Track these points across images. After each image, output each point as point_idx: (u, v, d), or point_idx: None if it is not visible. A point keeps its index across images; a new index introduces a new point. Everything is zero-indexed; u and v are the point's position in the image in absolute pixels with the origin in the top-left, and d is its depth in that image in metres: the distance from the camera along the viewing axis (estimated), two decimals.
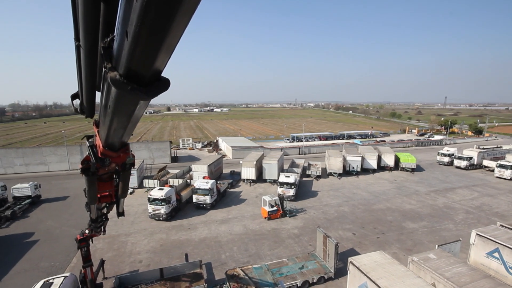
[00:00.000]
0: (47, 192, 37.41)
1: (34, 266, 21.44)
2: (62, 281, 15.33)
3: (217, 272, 20.46)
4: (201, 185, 32.32)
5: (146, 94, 2.18)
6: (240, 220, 29.68)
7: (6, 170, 48.54)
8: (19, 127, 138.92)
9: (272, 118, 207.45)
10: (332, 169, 46.60)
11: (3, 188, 33.56)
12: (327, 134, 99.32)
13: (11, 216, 29.65)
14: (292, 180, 35.08)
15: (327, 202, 34.90)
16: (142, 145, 57.15)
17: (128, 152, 6.16)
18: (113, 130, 4.05)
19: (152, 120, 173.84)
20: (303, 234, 26.51)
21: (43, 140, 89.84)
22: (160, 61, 2.02)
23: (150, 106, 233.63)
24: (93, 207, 11.34)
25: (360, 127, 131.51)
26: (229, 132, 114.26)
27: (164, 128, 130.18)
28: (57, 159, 51.05)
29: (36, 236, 26.41)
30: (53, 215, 31.42)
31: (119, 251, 23.67)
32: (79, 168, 7.39)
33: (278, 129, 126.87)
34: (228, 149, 65.05)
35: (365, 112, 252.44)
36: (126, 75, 2.09)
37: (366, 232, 26.80)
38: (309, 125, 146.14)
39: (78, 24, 3.09)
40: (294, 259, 21.23)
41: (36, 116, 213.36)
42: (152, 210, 28.95)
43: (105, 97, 3.08)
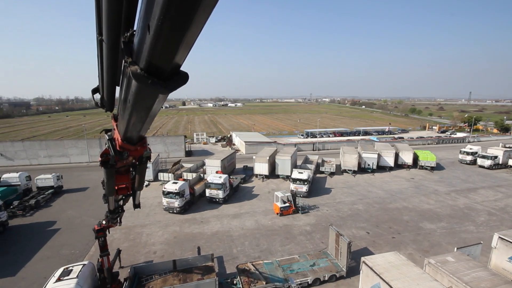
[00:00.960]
0: (68, 183, 39.10)
1: (56, 253, 22.56)
2: (80, 268, 15.99)
3: (229, 266, 20.69)
4: (214, 179, 32.65)
5: (165, 88, 2.23)
6: (252, 215, 29.79)
7: (31, 161, 51.20)
8: (43, 120, 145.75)
9: (286, 113, 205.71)
10: (347, 166, 45.71)
11: (27, 179, 35.46)
12: (342, 130, 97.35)
13: (35, 205, 31.27)
14: (305, 177, 34.72)
15: (340, 200, 34.33)
16: (157, 139, 58.41)
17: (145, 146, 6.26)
18: (132, 123, 4.13)
19: (168, 115, 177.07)
20: (315, 231, 26.26)
21: (65, 133, 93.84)
22: (180, 55, 2.04)
23: (166, 101, 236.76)
24: (111, 198, 11.71)
25: (377, 123, 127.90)
26: (242, 127, 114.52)
27: (179, 123, 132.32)
28: (78, 152, 53.19)
29: (58, 224, 27.75)
30: (73, 205, 32.85)
31: (134, 241, 24.43)
32: (99, 161, 7.59)
33: (292, 125, 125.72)
34: (242, 144, 65.24)
35: (382, 107, 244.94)
36: (147, 69, 2.13)
37: (380, 232, 26.17)
38: (324, 120, 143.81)
39: (101, 18, 3.11)
40: (306, 256, 21.09)
41: (58, 110, 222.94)
42: (167, 203, 29.60)
43: (124, 91, 3.17)
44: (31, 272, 20.02)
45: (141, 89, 2.47)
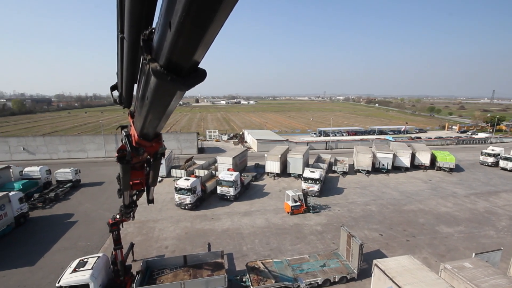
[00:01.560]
0: (86, 177, 40.46)
1: (73, 245, 23.43)
2: (95, 260, 16.51)
3: (238, 263, 20.77)
4: (226, 177, 32.82)
5: (184, 85, 2.28)
6: (263, 213, 29.76)
7: (51, 155, 53.38)
8: (63, 116, 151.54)
9: (299, 111, 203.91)
10: (360, 165, 44.77)
11: (48, 172, 36.97)
12: (356, 129, 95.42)
13: (54, 198, 32.59)
14: (317, 176, 34.28)
15: (353, 200, 33.68)
16: (170, 136, 59.37)
17: (160, 142, 6.38)
18: (149, 120, 4.24)
19: (181, 112, 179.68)
20: (326, 231, 25.91)
21: (83, 129, 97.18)
22: (200, 52, 2.07)
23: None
24: (126, 193, 12.00)
25: (393, 123, 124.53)
26: (255, 124, 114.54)
27: (192, 120, 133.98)
28: (95, 147, 54.94)
29: (75, 217, 28.78)
30: (90, 198, 33.97)
31: (147, 236, 24.98)
32: (115, 156, 7.77)
33: (305, 123, 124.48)
34: (254, 142, 65.24)
35: (399, 106, 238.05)
36: (166, 66, 2.17)
37: (394, 234, 25.47)
38: (337, 119, 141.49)
39: (123, 16, 3.18)
40: (316, 256, 20.85)
41: (78, 106, 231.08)
42: (178, 199, 30.06)
43: (142, 89, 3.25)
44: (49, 262, 20.89)
45: (160, 86, 2.51)
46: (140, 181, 10.82)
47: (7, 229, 24.72)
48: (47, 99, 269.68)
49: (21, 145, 52.34)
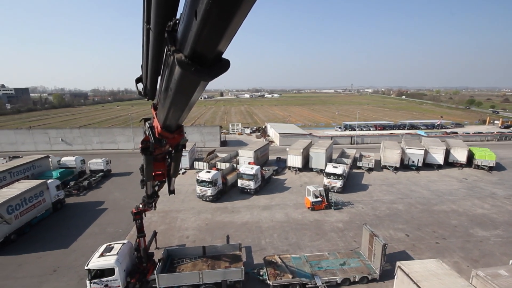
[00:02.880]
0: (116, 167, 42.81)
1: (102, 230, 24.99)
2: (120, 246, 17.44)
3: (256, 257, 20.85)
4: (246, 170, 32.92)
5: (208, 75, 2.32)
6: (283, 208, 29.52)
7: (86, 146, 57.20)
8: (98, 109, 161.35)
9: (324, 104, 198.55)
10: (388, 162, 42.61)
11: (82, 162, 39.62)
12: (384, 123, 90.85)
13: (88, 186, 34.94)
14: (340, 171, 33.20)
15: (378, 198, 32.23)
16: (194, 129, 60.75)
17: (182, 134, 6.52)
18: (172, 112, 4.35)
19: (206, 105, 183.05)
20: (348, 229, 25.09)
21: (115, 122, 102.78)
22: (224, 42, 2.07)
23: (205, 91, 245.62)
24: (148, 184, 12.44)
25: (426, 116, 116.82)
26: (278, 118, 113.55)
27: (216, 113, 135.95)
28: (125, 139, 57.89)
29: (105, 204, 30.65)
30: (119, 187, 35.93)
31: (170, 225, 25.92)
32: (139, 148, 8.01)
33: (330, 117, 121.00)
34: (276, 135, 64.74)
35: (434, 99, 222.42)
36: (191, 56, 2.19)
37: (422, 235, 24.00)
38: (364, 112, 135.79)
39: (150, 6, 3.21)
40: (336, 254, 20.28)
41: (111, 100, 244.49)
42: (200, 191, 30.76)
43: (166, 80, 3.33)
44: (81, 245, 22.50)
45: (185, 77, 2.54)
46: (162, 172, 11.13)
47: (45, 214, 26.99)
48: (84, 94, 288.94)
49: (59, 136, 56.65)
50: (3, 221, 21.74)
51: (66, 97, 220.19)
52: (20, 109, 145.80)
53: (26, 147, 55.58)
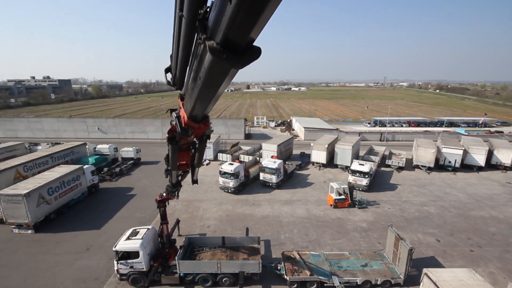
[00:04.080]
0: (145, 156, 44.95)
1: (131, 215, 26.48)
2: (145, 231, 18.31)
3: (275, 251, 20.81)
4: (269, 164, 32.78)
5: (239, 62, 2.31)
6: (304, 203, 29.06)
7: (119, 135, 60.69)
8: (131, 100, 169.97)
9: (353, 98, 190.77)
10: (420, 161, 39.97)
11: (115, 150, 42.11)
12: (419, 119, 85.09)
13: (119, 172, 37.15)
14: (366, 169, 31.79)
15: (407, 199, 30.46)
16: (219, 121, 61.56)
17: (208, 124, 6.57)
18: (199, 102, 4.40)
19: (232, 98, 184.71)
20: (372, 229, 24.07)
21: (145, 112, 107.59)
22: (258, 28, 2.06)
23: (231, 84, 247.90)
24: (174, 173, 12.84)
25: (467, 113, 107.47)
26: (304, 112, 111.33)
27: (242, 106, 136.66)
28: (154, 129, 60.46)
29: (134, 191, 32.38)
30: (148, 175, 37.73)
31: (192, 214, 26.74)
32: (166, 137, 8.24)
33: (359, 111, 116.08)
34: (301, 129, 63.61)
35: (478, 94, 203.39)
36: (222, 43, 2.19)
37: (455, 241, 22.30)
38: (397, 107, 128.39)
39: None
40: (357, 254, 19.57)
41: (143, 92, 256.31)
42: (222, 182, 31.26)
43: (195, 70, 3.38)
44: (112, 228, 24.05)
45: (215, 64, 2.50)
46: (186, 162, 11.37)
47: (81, 197, 29.18)
48: (119, 85, 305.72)
49: (96, 125, 60.67)
50: (44, 201, 23.89)
51: (103, 88, 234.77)
52: (63, 99, 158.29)
53: (67, 134, 60.38)
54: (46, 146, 43.11)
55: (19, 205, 22.28)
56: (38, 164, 31.65)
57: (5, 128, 61.56)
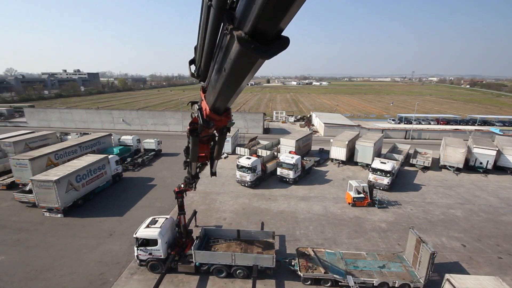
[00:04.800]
0: (166, 148, 46.26)
1: (151, 204, 27.47)
2: (163, 221, 18.92)
3: (289, 247, 20.73)
4: (286, 159, 32.51)
5: (267, 53, 2.28)
6: (321, 200, 28.60)
7: (142, 127, 62.92)
8: (154, 93, 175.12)
9: (378, 94, 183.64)
10: (448, 161, 37.79)
11: (138, 141, 43.71)
12: (449, 116, 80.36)
13: (141, 163, 38.59)
14: (388, 168, 30.59)
15: (432, 200, 29.01)
16: (238, 115, 61.83)
17: (229, 116, 6.58)
18: (223, 94, 4.39)
19: (252, 92, 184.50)
20: (392, 230, 23.22)
21: (167, 105, 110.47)
22: (288, 17, 2.04)
23: (252, 78, 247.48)
24: (193, 164, 13.13)
25: (504, 111, 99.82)
26: (325, 107, 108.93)
27: (262, 100, 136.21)
28: (175, 122, 61.99)
29: (155, 181, 33.52)
30: (168, 167, 38.86)
31: (209, 206, 27.25)
32: (187, 129, 8.37)
33: (383, 107, 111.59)
34: (321, 125, 62.35)
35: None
36: (251, 33, 2.18)
37: (482, 247, 20.97)
38: (425, 104, 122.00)
39: None
40: (375, 255, 18.99)
41: (165, 85, 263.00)
42: (239, 176, 31.49)
43: (220, 62, 3.37)
44: (133, 215, 25.12)
45: (242, 55, 2.47)
46: (205, 155, 11.55)
47: (106, 185, 30.67)
48: (143, 79, 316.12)
49: (121, 117, 63.26)
50: (72, 187, 25.39)
51: (129, 81, 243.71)
52: (92, 91, 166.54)
53: (94, 125, 63.57)
54: (75, 136, 45.67)
55: (50, 190, 23.86)
56: (67, 153, 33.65)
57: (39, 118, 65.95)
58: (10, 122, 70.47)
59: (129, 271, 18.09)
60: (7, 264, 18.60)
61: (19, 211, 25.66)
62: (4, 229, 22.67)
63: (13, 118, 76.47)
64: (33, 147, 37.15)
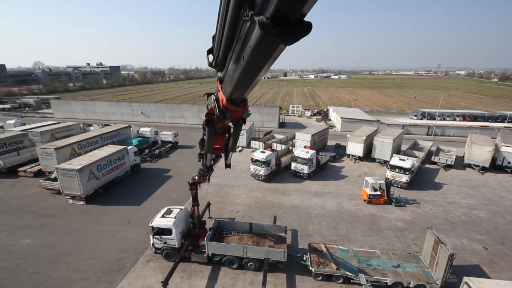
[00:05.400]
0: (182, 140, 47.12)
1: (167, 195, 28.23)
2: (178, 211, 19.41)
3: (301, 242, 20.66)
4: (301, 154, 32.16)
5: (289, 38, 2.25)
6: (336, 196, 28.15)
7: (159, 119, 64.40)
8: (172, 86, 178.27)
9: (400, 88, 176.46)
10: (474, 159, 35.85)
11: (155, 133, 44.83)
12: (477, 112, 75.89)
13: (158, 154, 39.64)
14: (407, 165, 29.50)
15: (453, 200, 27.75)
16: (254, 109, 61.67)
17: (246, 107, 6.58)
18: (240, 84, 4.40)
19: (268, 85, 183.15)
20: (408, 229, 22.51)
21: (184, 98, 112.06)
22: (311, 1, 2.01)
23: (268, 71, 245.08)
24: (208, 156, 13.31)
25: None
26: (343, 101, 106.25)
27: (278, 94, 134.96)
28: (192, 114, 62.90)
29: (171, 172, 34.36)
30: (184, 158, 39.66)
31: (223, 198, 27.60)
32: (203, 120, 8.42)
33: (405, 102, 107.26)
34: (338, 120, 60.98)
35: None
36: (272, 18, 2.15)
37: (506, 251, 19.88)
38: (451, 99, 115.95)
39: None
40: (390, 254, 18.53)
41: (183, 78, 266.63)
42: (253, 169, 31.57)
43: (238, 50, 3.37)
44: (150, 205, 25.95)
45: (263, 41, 2.43)
46: (220, 147, 11.62)
47: (125, 175, 31.81)
48: (162, 72, 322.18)
49: (140, 109, 65.03)
50: (94, 176, 26.55)
51: (148, 74, 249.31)
52: (113, 84, 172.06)
53: (115, 117, 65.81)
54: (97, 127, 47.55)
55: (73, 178, 25.11)
56: (90, 143, 35.14)
57: (64, 109, 69.17)
58: (38, 113, 74.58)
59: (145, 258, 18.80)
60: (33, 246, 19.91)
61: (45, 197, 27.26)
62: (31, 214, 24.22)
63: (41, 109, 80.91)
64: (58, 137, 39.14)
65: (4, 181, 30.96)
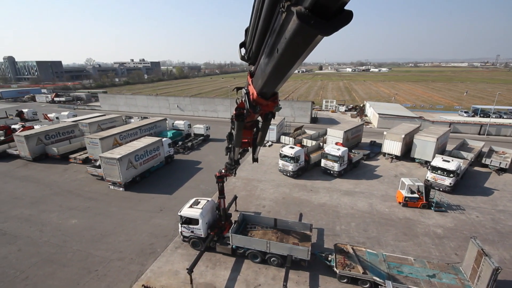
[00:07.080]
0: (214, 134, 48.38)
1: (196, 186, 29.33)
2: (205, 203, 20.04)
3: (327, 241, 20.08)
4: (332, 151, 31.05)
5: (328, 28, 2.19)
6: (368, 197, 26.76)
7: (193, 113, 66.80)
8: (207, 81, 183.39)
9: (449, 81, 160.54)
10: None
11: (189, 126, 46.63)
12: None
13: (191, 147, 41.23)
14: (452, 167, 26.86)
15: (505, 208, 24.70)
16: (286, 103, 60.83)
17: (276, 101, 6.53)
18: (272, 77, 4.35)
19: (302, 79, 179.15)
20: (449, 237, 20.59)
21: (218, 92, 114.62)
22: None
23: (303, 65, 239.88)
24: (237, 149, 13.53)
25: None
26: (382, 96, 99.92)
27: (312, 88, 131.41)
28: (224, 109, 64.16)
29: (201, 165, 35.55)
30: (214, 152, 40.74)
31: (250, 192, 27.87)
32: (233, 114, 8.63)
33: (454, 98, 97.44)
34: (375, 116, 57.58)
35: None
36: (311, 8, 2.11)
37: None
38: (510, 94, 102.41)
39: None
40: (424, 262, 17.15)
41: (218, 73, 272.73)
42: (282, 165, 31.29)
43: (272, 43, 3.35)
44: (181, 194, 27.21)
45: (300, 32, 2.36)
46: (248, 141, 11.70)
47: (160, 165, 33.69)
48: (198, 66, 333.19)
49: (176, 103, 68.08)
50: (132, 165, 28.54)
51: (185, 69, 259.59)
52: (153, 79, 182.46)
53: (153, 110, 69.84)
54: (137, 119, 50.88)
55: (114, 166, 27.26)
56: (130, 134, 37.77)
57: (110, 102, 75.19)
58: (88, 106, 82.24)
59: (174, 245, 19.82)
60: (78, 226, 22.14)
61: (91, 182, 30.04)
62: (79, 197, 26.90)
63: (90, 102, 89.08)
64: (104, 128, 42.72)
65: (57, 166, 34.78)
